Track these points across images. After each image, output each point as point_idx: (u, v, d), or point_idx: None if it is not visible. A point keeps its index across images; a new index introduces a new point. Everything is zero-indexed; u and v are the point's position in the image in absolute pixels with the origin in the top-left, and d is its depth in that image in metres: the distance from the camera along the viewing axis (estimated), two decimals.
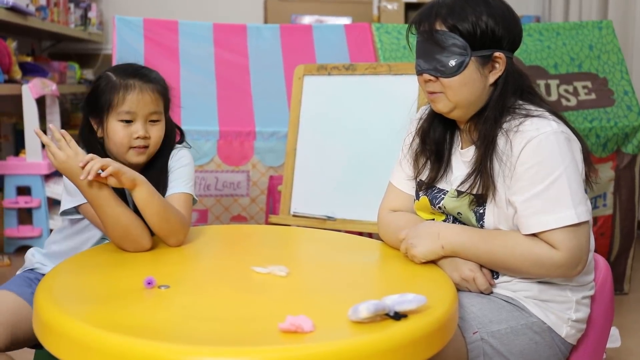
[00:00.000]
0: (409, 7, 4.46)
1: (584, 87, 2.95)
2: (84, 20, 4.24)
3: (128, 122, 1.60)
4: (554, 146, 1.37)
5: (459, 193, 1.48)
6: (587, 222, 1.38)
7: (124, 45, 2.84)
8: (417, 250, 1.43)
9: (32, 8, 3.36)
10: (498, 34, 1.43)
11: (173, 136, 1.75)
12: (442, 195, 1.52)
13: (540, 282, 1.44)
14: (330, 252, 1.56)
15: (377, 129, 2.34)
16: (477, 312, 1.41)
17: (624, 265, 3.05)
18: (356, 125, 2.39)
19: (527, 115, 1.42)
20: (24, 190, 3.30)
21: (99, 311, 1.12)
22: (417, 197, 1.59)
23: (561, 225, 1.35)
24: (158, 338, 1.00)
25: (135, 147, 1.61)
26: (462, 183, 1.47)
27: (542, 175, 1.37)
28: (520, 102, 1.46)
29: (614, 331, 2.24)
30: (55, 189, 3.21)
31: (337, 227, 2.30)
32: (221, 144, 2.70)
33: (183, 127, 2.64)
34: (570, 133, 1.42)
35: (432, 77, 1.45)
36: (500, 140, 1.42)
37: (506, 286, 1.46)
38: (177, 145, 1.75)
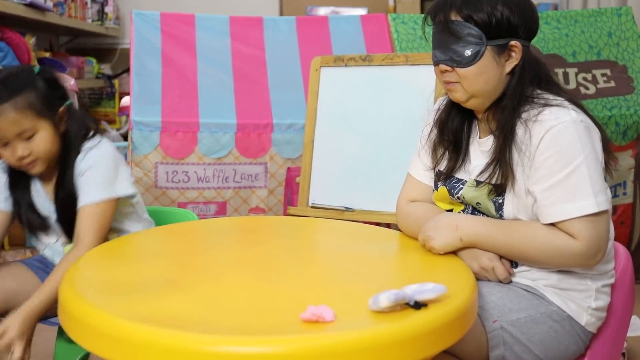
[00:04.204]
0: None
1: (603, 75, 2.92)
2: (101, 15, 4.25)
3: (5, 144, 1.52)
4: (574, 135, 1.36)
5: (478, 183, 1.47)
6: (606, 211, 1.37)
7: (142, 40, 2.85)
8: (435, 242, 1.43)
9: (49, 4, 3.38)
10: (514, 23, 1.42)
11: (77, 132, 1.61)
12: (461, 185, 1.52)
13: (559, 271, 1.43)
14: (349, 243, 1.56)
15: (395, 119, 2.33)
16: (496, 301, 1.41)
17: None
18: (373, 116, 2.38)
19: (545, 105, 1.41)
20: None
21: (123, 302, 1.13)
22: (436, 187, 1.59)
23: (581, 214, 1.34)
24: (181, 328, 1.01)
25: (23, 165, 1.54)
26: (481, 173, 1.47)
27: (562, 164, 1.36)
28: (539, 91, 1.45)
29: (635, 320, 2.22)
30: None
31: (355, 218, 2.30)
32: (239, 136, 2.71)
33: (201, 120, 2.68)
34: (589, 122, 1.41)
35: (448, 68, 1.45)
36: (519, 130, 1.42)
37: (525, 275, 1.46)
38: (86, 143, 1.60)
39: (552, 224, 1.38)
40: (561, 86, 1.50)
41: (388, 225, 2.47)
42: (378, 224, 2.30)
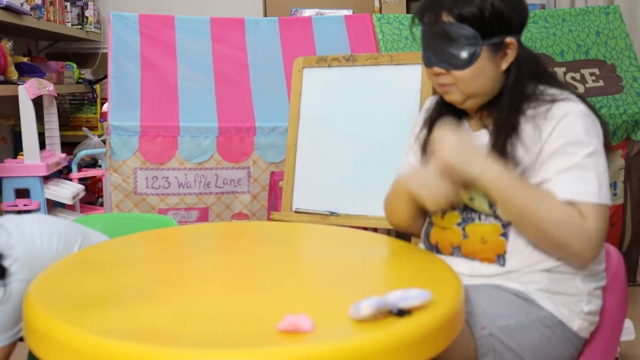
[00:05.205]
0: None
1: (592, 74, 2.90)
2: (81, 19, 4.18)
3: None
4: (583, 126, 1.35)
5: None
6: (607, 207, 1.34)
7: (120, 42, 2.80)
8: (447, 167, 1.34)
9: (27, 7, 3.32)
10: (507, 17, 1.38)
11: None
12: None
13: (550, 274, 1.40)
14: (333, 248, 1.52)
15: (380, 120, 2.30)
16: (485, 306, 1.37)
17: (636, 256, 3.00)
18: (358, 117, 2.35)
19: (553, 101, 1.39)
20: (22, 193, 3.25)
21: (91, 314, 1.07)
22: None
23: (589, 200, 1.31)
24: (152, 341, 0.96)
25: None
26: None
27: (572, 152, 1.34)
28: (541, 87, 1.43)
29: (628, 323, 2.19)
30: (54, 190, 3.17)
31: (341, 222, 2.26)
32: (221, 140, 2.66)
33: (181, 124, 2.62)
34: (594, 117, 1.40)
35: (442, 70, 1.41)
36: (527, 127, 1.38)
37: (515, 278, 1.41)
38: None
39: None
40: (561, 80, 1.48)
41: (375, 230, 2.42)
42: (365, 229, 2.25)
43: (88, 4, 4.23)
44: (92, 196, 3.96)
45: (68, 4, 4.02)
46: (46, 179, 3.22)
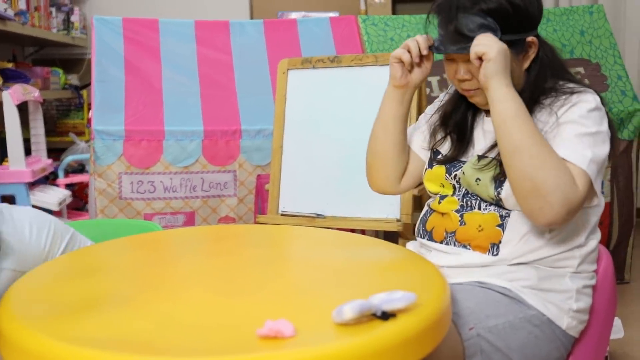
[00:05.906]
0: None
1: (577, 73, 2.90)
2: (67, 24, 4.15)
3: None
4: (590, 110, 1.36)
5: (480, 158, 1.44)
6: (590, 181, 1.33)
7: (103, 46, 2.77)
8: (491, 54, 1.33)
9: (10, 12, 3.28)
10: (526, 14, 1.39)
11: None
12: (461, 165, 1.49)
13: (539, 270, 1.40)
14: (318, 251, 1.50)
15: (366, 121, 2.27)
16: (472, 307, 1.36)
17: (623, 254, 2.99)
18: (344, 118, 2.34)
19: (572, 92, 1.41)
20: (8, 199, 3.22)
21: (67, 323, 1.05)
22: (430, 166, 1.56)
23: (578, 164, 1.31)
24: (129, 350, 0.94)
25: None
26: (490, 149, 1.43)
27: (574, 127, 1.35)
28: (561, 82, 1.45)
29: (617, 322, 2.18)
30: (40, 196, 3.13)
31: (327, 224, 2.24)
32: (206, 143, 2.64)
33: (166, 128, 2.60)
34: (604, 113, 1.41)
35: (467, 77, 1.42)
36: (542, 115, 1.40)
37: (503, 275, 1.41)
38: None
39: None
40: (579, 80, 1.51)
41: (363, 232, 2.41)
42: (352, 231, 2.24)
43: (73, 9, 4.20)
44: (80, 202, 3.93)
45: (53, 9, 3.99)
46: (32, 185, 3.19)
